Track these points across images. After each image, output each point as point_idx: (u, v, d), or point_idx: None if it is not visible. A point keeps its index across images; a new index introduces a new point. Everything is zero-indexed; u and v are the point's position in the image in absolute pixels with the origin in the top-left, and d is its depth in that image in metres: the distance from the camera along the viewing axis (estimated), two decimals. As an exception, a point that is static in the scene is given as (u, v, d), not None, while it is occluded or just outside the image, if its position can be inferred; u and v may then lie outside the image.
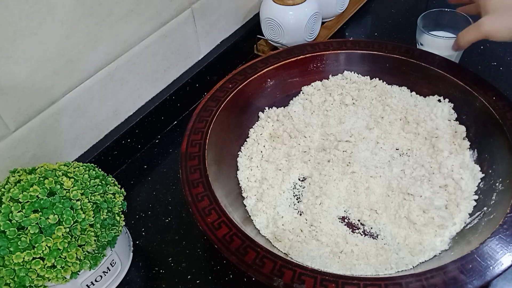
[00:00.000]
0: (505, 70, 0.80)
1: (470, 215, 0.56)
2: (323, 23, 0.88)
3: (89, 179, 0.50)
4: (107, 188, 0.51)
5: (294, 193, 0.62)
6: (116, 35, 0.61)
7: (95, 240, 0.47)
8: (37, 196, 0.45)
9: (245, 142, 0.67)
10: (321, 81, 0.73)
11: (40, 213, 0.45)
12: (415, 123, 0.67)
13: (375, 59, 0.72)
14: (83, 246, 0.46)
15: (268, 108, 0.71)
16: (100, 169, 0.53)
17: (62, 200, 0.46)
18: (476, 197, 0.58)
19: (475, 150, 0.62)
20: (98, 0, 0.57)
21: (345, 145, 0.65)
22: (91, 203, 0.48)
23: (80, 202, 0.47)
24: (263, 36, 0.84)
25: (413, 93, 0.71)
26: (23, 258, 0.43)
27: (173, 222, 0.62)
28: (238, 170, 0.64)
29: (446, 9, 0.75)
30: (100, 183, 0.50)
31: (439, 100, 0.68)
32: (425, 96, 0.70)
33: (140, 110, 0.71)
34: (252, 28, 0.85)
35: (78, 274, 0.47)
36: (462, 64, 0.77)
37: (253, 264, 0.47)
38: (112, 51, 0.62)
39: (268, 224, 0.58)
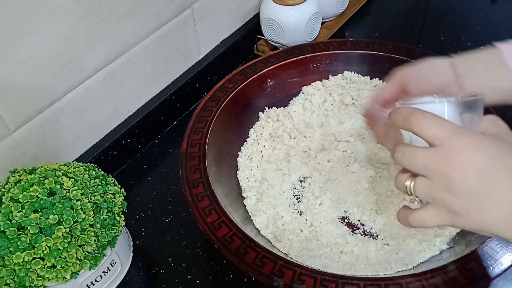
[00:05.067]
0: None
1: (470, 215, 0.56)
2: (323, 23, 0.88)
3: (89, 179, 0.50)
4: (107, 188, 0.50)
5: (294, 193, 0.62)
6: (116, 35, 0.61)
7: (95, 240, 0.47)
8: (37, 196, 0.45)
9: (245, 142, 0.67)
10: (321, 81, 0.73)
11: (40, 213, 0.45)
12: (415, 123, 0.67)
13: (375, 59, 0.71)
14: (83, 246, 0.46)
15: (268, 108, 0.71)
16: (100, 169, 0.53)
17: (62, 200, 0.46)
18: (476, 197, 0.57)
19: (475, 150, 0.62)
20: (98, 0, 0.57)
21: (345, 145, 0.65)
22: (91, 203, 0.48)
23: (80, 202, 0.47)
24: (263, 36, 0.84)
25: (413, 93, 0.71)
26: (23, 258, 0.43)
27: (173, 222, 0.62)
28: (238, 170, 0.64)
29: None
30: (100, 183, 0.50)
31: (439, 100, 0.68)
32: (425, 96, 0.70)
33: (140, 110, 0.71)
34: (252, 28, 0.85)
35: (78, 274, 0.47)
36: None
37: (253, 264, 0.47)
38: (112, 51, 0.62)
39: (268, 224, 0.58)
